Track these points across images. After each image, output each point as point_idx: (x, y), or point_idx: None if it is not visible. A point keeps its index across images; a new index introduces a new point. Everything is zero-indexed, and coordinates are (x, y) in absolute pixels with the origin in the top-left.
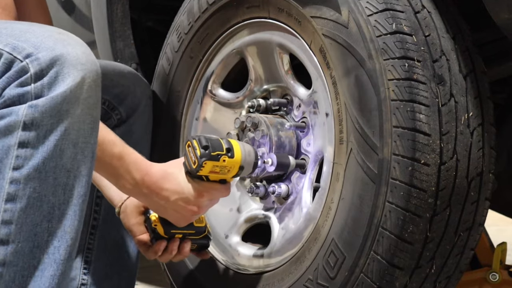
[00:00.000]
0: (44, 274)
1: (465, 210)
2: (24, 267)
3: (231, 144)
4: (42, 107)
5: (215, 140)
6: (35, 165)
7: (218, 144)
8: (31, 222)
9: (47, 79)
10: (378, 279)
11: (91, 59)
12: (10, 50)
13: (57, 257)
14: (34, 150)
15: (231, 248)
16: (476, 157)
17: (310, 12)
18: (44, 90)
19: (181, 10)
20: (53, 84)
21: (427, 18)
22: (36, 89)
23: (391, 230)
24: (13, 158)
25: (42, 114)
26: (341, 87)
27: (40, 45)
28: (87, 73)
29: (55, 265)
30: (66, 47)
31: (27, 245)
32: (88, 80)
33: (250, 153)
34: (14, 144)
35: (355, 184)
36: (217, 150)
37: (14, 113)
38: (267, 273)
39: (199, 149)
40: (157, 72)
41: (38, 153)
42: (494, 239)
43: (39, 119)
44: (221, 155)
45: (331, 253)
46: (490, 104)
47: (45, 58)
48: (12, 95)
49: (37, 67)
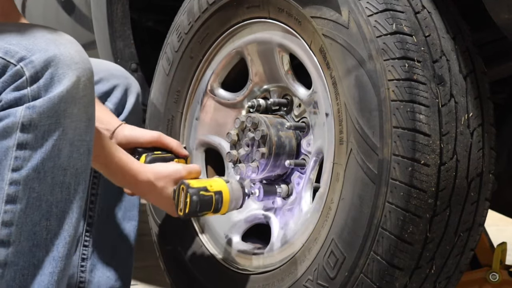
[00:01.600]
0: (43, 272)
1: (465, 210)
2: (24, 266)
3: (222, 201)
4: (39, 108)
5: (208, 201)
6: (34, 166)
7: (208, 206)
8: (30, 221)
9: (43, 81)
10: (378, 280)
11: (84, 57)
12: (2, 54)
13: (56, 254)
14: (33, 151)
15: (231, 248)
16: (476, 157)
17: (310, 12)
18: (40, 92)
19: (181, 10)
20: (49, 86)
21: (427, 18)
22: (32, 92)
23: (391, 231)
24: (12, 159)
25: (40, 115)
26: (341, 87)
27: (33, 47)
28: (81, 72)
29: (54, 263)
30: (59, 47)
31: (27, 244)
32: (83, 79)
33: (238, 201)
34: (13, 146)
35: (355, 185)
36: (205, 210)
37: (11, 115)
38: (267, 273)
39: (188, 206)
40: (157, 72)
41: (37, 154)
42: (494, 239)
43: (37, 120)
44: (207, 213)
45: (331, 253)
46: (490, 105)
47: (39, 60)
48: (9, 99)
49: (32, 70)
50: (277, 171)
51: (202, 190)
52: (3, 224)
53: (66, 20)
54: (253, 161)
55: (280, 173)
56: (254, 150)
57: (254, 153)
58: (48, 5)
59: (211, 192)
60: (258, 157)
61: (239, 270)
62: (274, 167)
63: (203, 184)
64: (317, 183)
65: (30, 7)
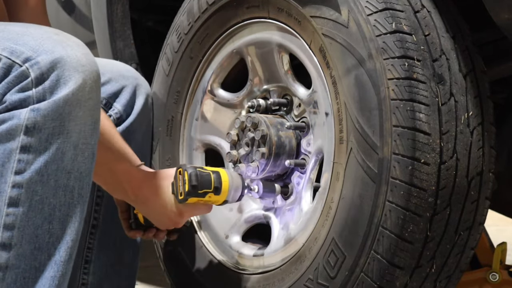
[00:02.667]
0: (44, 275)
1: (465, 209)
2: (26, 269)
3: (221, 181)
4: (44, 111)
5: (206, 177)
6: (37, 169)
7: (208, 182)
8: (32, 225)
9: (48, 83)
10: (378, 279)
11: (91, 60)
12: (8, 54)
13: (57, 258)
14: (36, 154)
15: (231, 249)
16: (476, 156)
17: (310, 11)
18: (46, 94)
19: (181, 11)
20: (55, 88)
21: (426, 17)
22: (38, 94)
23: (391, 230)
24: (15, 162)
25: (44, 117)
26: (341, 87)
27: (39, 48)
28: (88, 74)
29: (55, 267)
30: (66, 49)
31: (29, 247)
32: (89, 82)
33: (238, 188)
34: (16, 148)
35: (355, 184)
36: (205, 188)
37: (16, 117)
38: (267, 273)
39: (188, 185)
40: (156, 73)
41: (40, 157)
42: (494, 239)
43: (41, 122)
44: (208, 193)
45: (332, 253)
46: (490, 104)
47: (45, 62)
48: (13, 100)
49: (37, 71)
50: (277, 171)
51: (199, 168)
52: (5, 227)
53: (66, 20)
54: (253, 161)
55: (280, 173)
56: (254, 150)
57: (254, 153)
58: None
59: (208, 171)
60: (258, 157)
61: (239, 271)
62: (274, 167)
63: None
64: (317, 183)
65: None
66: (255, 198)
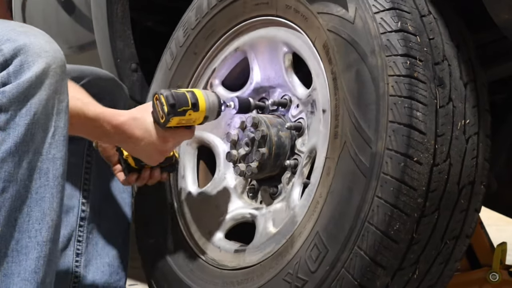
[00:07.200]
0: (28, 257)
1: (454, 217)
2: (7, 253)
3: (197, 97)
4: (9, 93)
5: (181, 96)
6: (8, 149)
7: (184, 100)
8: (9, 207)
9: (12, 67)
10: (359, 276)
11: (54, 47)
12: None
13: (39, 239)
14: (5, 134)
15: (213, 245)
16: (470, 165)
17: (317, 8)
18: (10, 78)
19: (190, 8)
20: (19, 72)
21: (432, 23)
22: (2, 78)
23: (377, 226)
24: None
25: (10, 99)
26: (340, 82)
27: (2, 38)
28: (51, 59)
29: (38, 247)
30: (29, 37)
31: (8, 230)
32: (53, 66)
33: (214, 103)
34: None
35: (345, 177)
36: (183, 106)
37: None
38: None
39: (166, 106)
40: (159, 67)
41: (10, 137)
42: (494, 239)
43: (7, 104)
44: (187, 110)
45: (314, 247)
46: (488, 117)
47: (8, 49)
48: None
49: (1, 58)
50: (277, 171)
51: (174, 90)
52: None
53: (66, 20)
54: (253, 161)
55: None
56: (254, 150)
57: (254, 153)
58: (48, 5)
59: (182, 91)
60: (258, 157)
61: (219, 267)
62: (274, 167)
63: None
64: (307, 180)
65: (30, 7)
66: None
